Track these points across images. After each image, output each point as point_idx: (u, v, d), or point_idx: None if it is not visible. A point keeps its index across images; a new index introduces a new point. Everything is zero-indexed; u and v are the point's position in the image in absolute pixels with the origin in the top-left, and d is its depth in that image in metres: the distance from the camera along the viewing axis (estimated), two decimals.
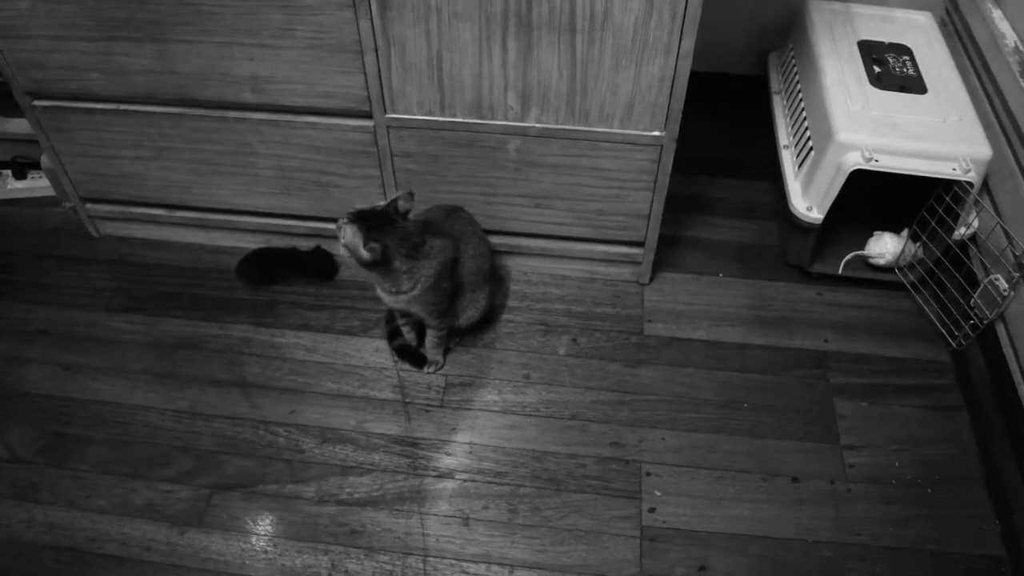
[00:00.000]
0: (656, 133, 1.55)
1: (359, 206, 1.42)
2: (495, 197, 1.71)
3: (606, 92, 1.50)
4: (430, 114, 1.58)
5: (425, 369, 1.68)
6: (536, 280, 1.85)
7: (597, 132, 1.57)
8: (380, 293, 1.54)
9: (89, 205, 1.90)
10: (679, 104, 1.50)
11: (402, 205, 1.43)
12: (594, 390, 1.65)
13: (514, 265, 1.87)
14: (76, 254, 1.93)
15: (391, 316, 1.71)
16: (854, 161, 1.63)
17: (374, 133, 1.63)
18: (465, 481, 1.52)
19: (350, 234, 1.40)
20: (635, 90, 1.49)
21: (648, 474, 1.53)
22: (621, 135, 1.56)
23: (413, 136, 1.62)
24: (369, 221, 1.40)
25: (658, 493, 1.50)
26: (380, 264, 1.42)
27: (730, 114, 2.24)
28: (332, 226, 1.80)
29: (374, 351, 1.72)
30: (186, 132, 1.69)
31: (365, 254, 1.39)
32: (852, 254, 1.83)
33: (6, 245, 1.95)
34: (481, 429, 1.59)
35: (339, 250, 1.45)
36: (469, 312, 1.64)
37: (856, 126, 1.65)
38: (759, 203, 2.03)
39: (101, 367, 1.70)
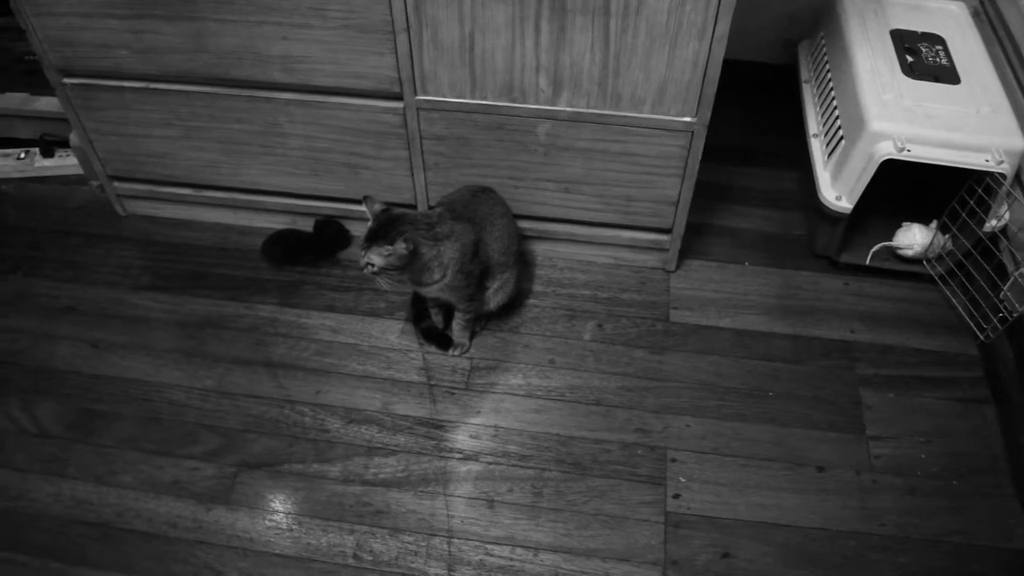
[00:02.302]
0: (687, 119, 1.54)
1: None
2: (523, 181, 1.71)
3: (638, 76, 1.49)
4: (461, 96, 1.58)
5: (451, 352, 1.68)
6: (562, 265, 1.85)
7: (628, 117, 1.56)
8: (416, 290, 1.55)
9: (117, 184, 1.91)
10: (712, 89, 1.49)
11: (377, 207, 1.48)
12: (619, 376, 1.65)
13: (540, 250, 1.86)
14: (103, 232, 1.93)
15: (417, 298, 1.71)
16: (886, 151, 1.61)
17: (404, 115, 1.63)
18: (490, 464, 1.52)
19: (377, 255, 1.43)
20: (668, 74, 1.48)
21: (673, 460, 1.53)
22: (652, 120, 1.56)
23: (443, 119, 1.62)
24: (378, 233, 1.44)
25: (683, 479, 1.50)
26: (414, 256, 1.44)
27: (759, 103, 2.22)
28: (359, 208, 1.81)
29: (399, 333, 1.72)
30: (216, 111, 1.69)
31: (403, 248, 1.41)
32: (880, 245, 1.82)
33: (34, 223, 1.96)
34: (506, 412, 1.59)
35: (381, 285, 1.50)
36: (499, 296, 1.65)
37: (888, 115, 1.64)
38: (787, 192, 2.02)
39: (128, 345, 1.70)
